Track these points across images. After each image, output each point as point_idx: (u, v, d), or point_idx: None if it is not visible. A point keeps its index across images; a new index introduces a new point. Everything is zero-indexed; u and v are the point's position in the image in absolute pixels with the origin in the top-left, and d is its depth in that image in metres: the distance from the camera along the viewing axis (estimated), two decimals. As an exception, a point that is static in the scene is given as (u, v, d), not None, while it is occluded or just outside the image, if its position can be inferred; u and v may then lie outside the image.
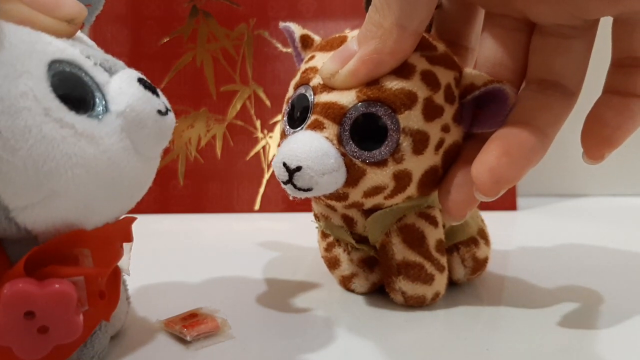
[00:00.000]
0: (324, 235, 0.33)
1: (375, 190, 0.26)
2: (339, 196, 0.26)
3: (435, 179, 0.27)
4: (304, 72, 0.28)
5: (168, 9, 0.60)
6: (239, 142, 0.60)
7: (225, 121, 0.60)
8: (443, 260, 0.29)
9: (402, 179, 0.26)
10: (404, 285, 0.28)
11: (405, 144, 0.25)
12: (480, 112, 0.27)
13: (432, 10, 0.24)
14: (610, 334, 0.25)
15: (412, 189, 0.26)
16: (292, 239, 0.45)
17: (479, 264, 0.32)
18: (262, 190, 0.59)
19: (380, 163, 0.25)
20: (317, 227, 0.33)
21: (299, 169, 0.24)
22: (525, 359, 0.23)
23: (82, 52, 0.21)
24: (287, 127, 0.27)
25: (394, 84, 0.25)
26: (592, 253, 0.40)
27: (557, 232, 0.47)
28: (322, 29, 0.60)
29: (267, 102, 0.60)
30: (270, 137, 0.60)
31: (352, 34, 0.28)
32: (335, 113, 0.25)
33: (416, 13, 0.24)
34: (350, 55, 0.25)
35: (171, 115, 0.23)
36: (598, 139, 0.25)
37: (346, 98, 0.25)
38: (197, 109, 0.59)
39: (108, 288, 0.22)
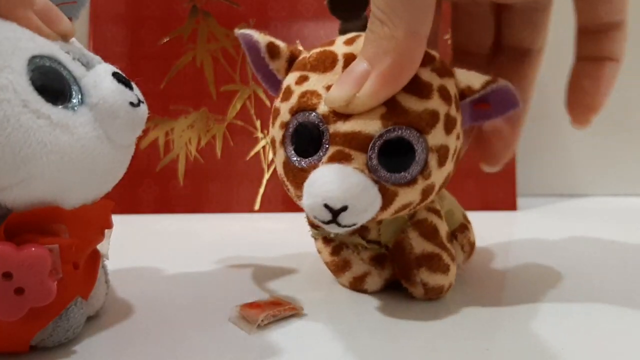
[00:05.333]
0: (326, 240, 0.32)
1: (404, 207, 0.26)
2: (369, 220, 0.26)
3: (447, 183, 0.28)
4: (302, 96, 0.26)
5: (168, 9, 0.60)
6: (239, 142, 0.60)
7: (225, 121, 0.60)
8: (453, 250, 0.30)
9: (428, 192, 0.26)
10: (426, 277, 0.29)
11: (433, 160, 0.25)
12: (479, 107, 0.27)
13: (434, 12, 0.24)
14: (610, 334, 0.25)
15: (430, 198, 0.27)
16: (292, 239, 0.45)
17: (472, 247, 0.35)
18: (262, 190, 0.59)
19: (411, 182, 0.25)
20: (314, 236, 0.33)
21: (344, 209, 0.24)
22: (525, 359, 0.23)
23: (62, 47, 0.23)
24: (294, 156, 0.26)
25: (418, 106, 0.25)
26: (592, 253, 0.40)
27: (557, 232, 0.47)
28: (322, 29, 0.60)
29: (267, 102, 0.60)
30: (270, 137, 0.60)
31: (339, 47, 0.27)
32: (361, 142, 0.24)
33: (426, 17, 0.24)
34: (363, 76, 0.24)
35: (143, 106, 0.25)
36: (582, 107, 0.27)
37: (372, 126, 0.24)
38: (197, 109, 0.59)
39: (86, 268, 0.25)
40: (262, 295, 0.30)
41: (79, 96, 0.23)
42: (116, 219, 0.27)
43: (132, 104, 0.24)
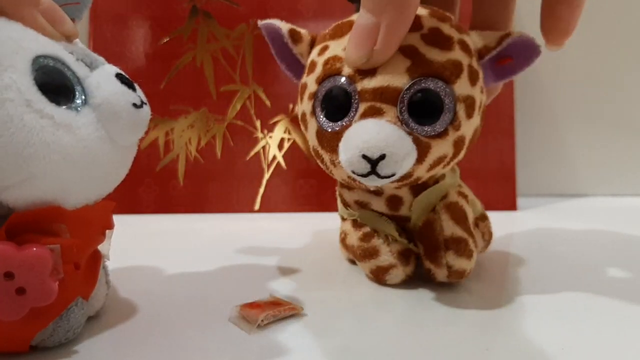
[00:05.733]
0: (357, 225, 0.32)
1: (439, 161, 0.27)
2: (405, 176, 0.27)
3: (476, 139, 0.29)
4: (325, 63, 0.27)
5: (168, 9, 0.60)
6: (239, 142, 0.60)
7: (225, 121, 0.60)
8: (477, 237, 0.31)
9: (459, 145, 0.27)
10: (452, 260, 0.29)
11: (461, 110, 0.26)
12: (495, 66, 0.28)
13: None
14: (610, 334, 0.25)
15: (463, 153, 0.28)
16: (292, 239, 0.45)
17: (491, 237, 0.36)
18: (262, 190, 0.59)
19: (443, 134, 0.26)
20: (347, 217, 0.33)
21: (382, 157, 0.25)
22: (525, 359, 0.23)
23: (65, 47, 0.23)
24: (326, 122, 0.27)
25: (441, 57, 0.26)
26: (592, 253, 0.40)
27: (557, 232, 0.47)
28: (322, 29, 0.60)
29: (267, 102, 0.60)
30: (270, 137, 0.60)
31: (354, 18, 0.28)
32: (391, 96, 0.25)
33: None
34: (373, 29, 0.25)
35: (146, 108, 0.25)
36: (556, 32, 0.28)
37: (399, 79, 0.25)
38: (197, 109, 0.59)
39: (87, 268, 0.25)
40: (262, 295, 0.30)
41: (83, 97, 0.23)
42: (116, 218, 0.27)
43: (135, 105, 0.24)
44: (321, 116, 0.27)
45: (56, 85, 0.22)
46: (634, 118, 0.67)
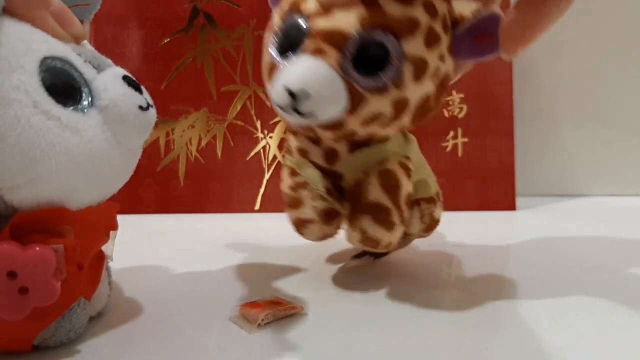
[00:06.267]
0: (292, 172, 0.32)
1: (374, 118, 0.26)
2: (336, 124, 0.26)
3: (427, 109, 0.27)
4: (292, 0, 0.27)
5: (169, 10, 0.60)
6: (240, 142, 0.60)
7: (226, 121, 0.60)
8: (406, 214, 0.30)
9: (400, 106, 0.26)
10: (367, 225, 0.28)
11: (407, 70, 0.25)
12: (474, 41, 0.27)
13: None
14: (610, 334, 0.25)
15: (406, 118, 0.27)
16: (292, 238, 0.45)
17: (434, 223, 0.34)
18: (262, 190, 0.59)
19: (382, 89, 0.25)
20: (287, 162, 0.32)
21: (303, 92, 0.24)
22: (525, 359, 0.23)
23: (74, 49, 0.23)
24: (278, 57, 0.27)
25: (397, 10, 0.25)
26: (591, 253, 0.40)
27: (556, 232, 0.47)
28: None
29: (268, 103, 0.60)
30: (271, 137, 0.60)
31: None
32: (337, 39, 0.25)
33: None
34: None
35: (152, 110, 0.25)
36: (515, 37, 0.26)
37: (349, 25, 0.25)
38: (197, 109, 0.60)
39: (91, 269, 0.25)
40: (262, 294, 0.30)
41: (89, 98, 0.23)
42: (117, 218, 0.27)
43: (141, 107, 0.24)
44: (273, 49, 0.27)
45: (63, 86, 0.22)
46: (634, 118, 0.67)
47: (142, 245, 0.44)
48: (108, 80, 0.23)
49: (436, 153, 0.61)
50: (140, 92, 0.24)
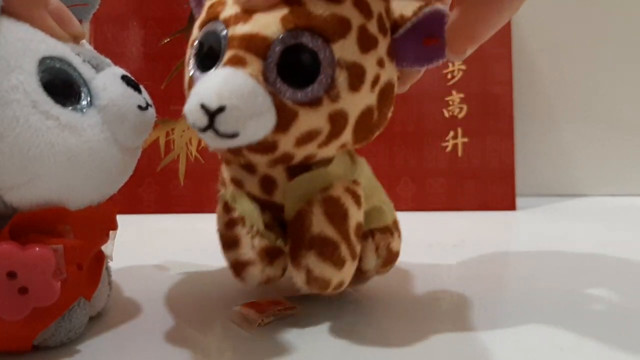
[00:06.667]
0: (227, 208, 0.27)
1: (309, 136, 0.23)
2: (267, 146, 0.22)
3: (370, 123, 0.24)
4: (209, 7, 0.24)
5: (169, 10, 0.60)
6: (240, 142, 0.60)
7: (226, 121, 0.60)
8: (358, 247, 0.26)
9: (337, 121, 0.23)
10: (312, 263, 0.25)
11: (341, 78, 0.22)
12: (420, 45, 0.24)
13: None
14: (610, 334, 0.25)
15: (347, 134, 0.24)
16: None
17: (392, 256, 0.29)
18: (262, 190, 0.59)
19: (314, 102, 0.22)
20: (221, 196, 0.28)
21: (221, 109, 0.21)
22: (525, 359, 0.23)
23: (73, 49, 0.23)
24: (196, 71, 0.24)
25: (323, 10, 0.22)
26: (591, 253, 0.40)
27: (556, 232, 0.47)
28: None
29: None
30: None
31: None
32: (258, 46, 0.22)
33: None
34: None
35: (151, 110, 0.25)
36: (461, 34, 0.24)
37: (270, 28, 0.22)
38: (197, 109, 0.59)
39: (90, 269, 0.25)
40: (263, 294, 0.30)
41: (88, 98, 0.23)
42: (117, 218, 0.27)
43: (140, 107, 0.24)
44: (193, 63, 0.24)
45: (62, 86, 0.22)
46: (633, 118, 0.67)
47: (142, 245, 0.44)
48: (107, 80, 0.23)
49: (436, 153, 0.61)
50: (140, 91, 0.24)
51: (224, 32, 0.23)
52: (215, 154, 0.27)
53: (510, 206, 0.60)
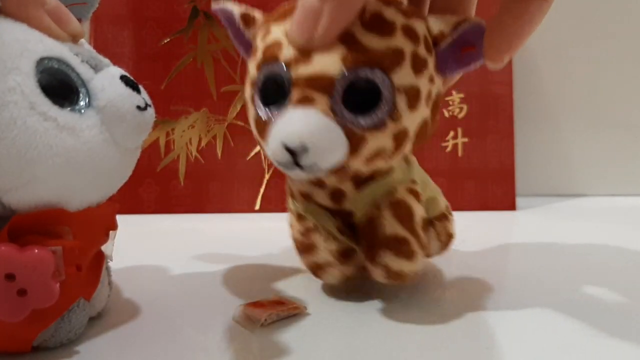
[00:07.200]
0: (300, 217, 0.31)
1: (377, 155, 0.25)
2: (339, 168, 0.25)
3: (426, 132, 0.27)
4: (265, 49, 0.26)
5: (169, 10, 0.60)
6: (240, 142, 0.60)
7: (226, 121, 0.60)
8: (425, 238, 0.29)
9: (401, 138, 0.25)
10: (390, 260, 0.27)
11: (401, 102, 0.25)
12: (459, 54, 0.26)
13: None
14: (610, 334, 0.25)
15: (408, 146, 0.26)
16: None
17: (450, 238, 0.34)
18: (262, 190, 0.59)
19: (379, 126, 0.25)
20: (292, 208, 0.31)
21: (304, 149, 0.23)
22: (525, 359, 0.23)
23: (71, 49, 0.23)
24: (262, 109, 0.26)
25: (378, 44, 0.24)
26: (591, 253, 0.40)
27: (556, 232, 0.47)
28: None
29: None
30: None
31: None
32: (324, 85, 0.24)
33: None
34: (316, 12, 0.23)
35: (150, 110, 0.25)
36: (501, 47, 0.25)
37: (332, 67, 0.24)
38: (197, 110, 0.60)
39: (90, 269, 0.25)
40: (264, 294, 0.30)
41: (87, 99, 0.23)
42: (117, 218, 0.27)
43: (139, 107, 0.24)
44: (259, 104, 0.26)
45: (60, 87, 0.22)
46: (633, 118, 0.67)
47: (142, 245, 0.44)
48: (105, 81, 0.23)
49: (436, 153, 0.61)
50: (139, 91, 0.24)
51: (288, 74, 0.25)
52: (215, 154, 0.27)
53: (510, 206, 0.60)
